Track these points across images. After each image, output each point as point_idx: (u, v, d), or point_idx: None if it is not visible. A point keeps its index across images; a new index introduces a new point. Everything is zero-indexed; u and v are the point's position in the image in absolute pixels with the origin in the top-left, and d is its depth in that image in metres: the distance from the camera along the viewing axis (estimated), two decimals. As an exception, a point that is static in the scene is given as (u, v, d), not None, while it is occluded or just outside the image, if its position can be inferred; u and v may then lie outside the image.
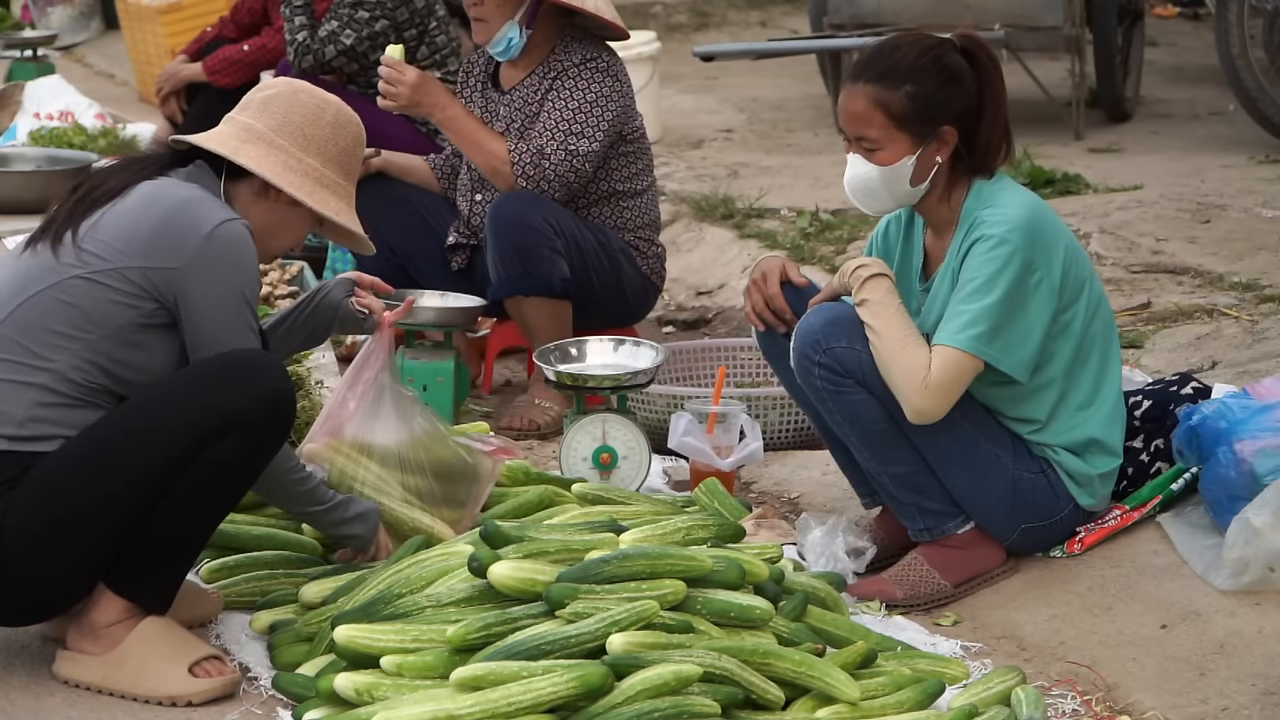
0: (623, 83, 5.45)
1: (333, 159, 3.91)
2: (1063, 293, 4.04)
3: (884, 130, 4.05)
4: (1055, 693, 3.73)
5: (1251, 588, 3.89)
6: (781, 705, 3.47)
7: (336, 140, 3.91)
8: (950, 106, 4.04)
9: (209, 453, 3.60)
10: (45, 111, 9.12)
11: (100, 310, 3.65)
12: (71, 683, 3.75)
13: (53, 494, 3.59)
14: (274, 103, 3.90)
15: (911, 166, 4.05)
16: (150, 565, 3.69)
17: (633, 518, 4.12)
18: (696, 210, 7.67)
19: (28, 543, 3.60)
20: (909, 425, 4.05)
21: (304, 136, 3.87)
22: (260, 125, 3.86)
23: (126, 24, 11.06)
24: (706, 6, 13.24)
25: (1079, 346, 4.10)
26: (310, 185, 3.86)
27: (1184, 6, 12.80)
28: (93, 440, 3.62)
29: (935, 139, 4.04)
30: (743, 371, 5.49)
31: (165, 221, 3.68)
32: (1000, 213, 4.02)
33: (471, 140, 5.37)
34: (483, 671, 3.32)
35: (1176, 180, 7.66)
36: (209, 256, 3.67)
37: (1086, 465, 4.13)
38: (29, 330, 3.65)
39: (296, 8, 6.62)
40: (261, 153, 3.83)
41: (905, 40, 4.14)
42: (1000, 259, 3.97)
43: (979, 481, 4.11)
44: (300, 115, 3.88)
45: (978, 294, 3.97)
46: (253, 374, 3.66)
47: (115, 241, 3.67)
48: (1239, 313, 5.79)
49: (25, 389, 3.64)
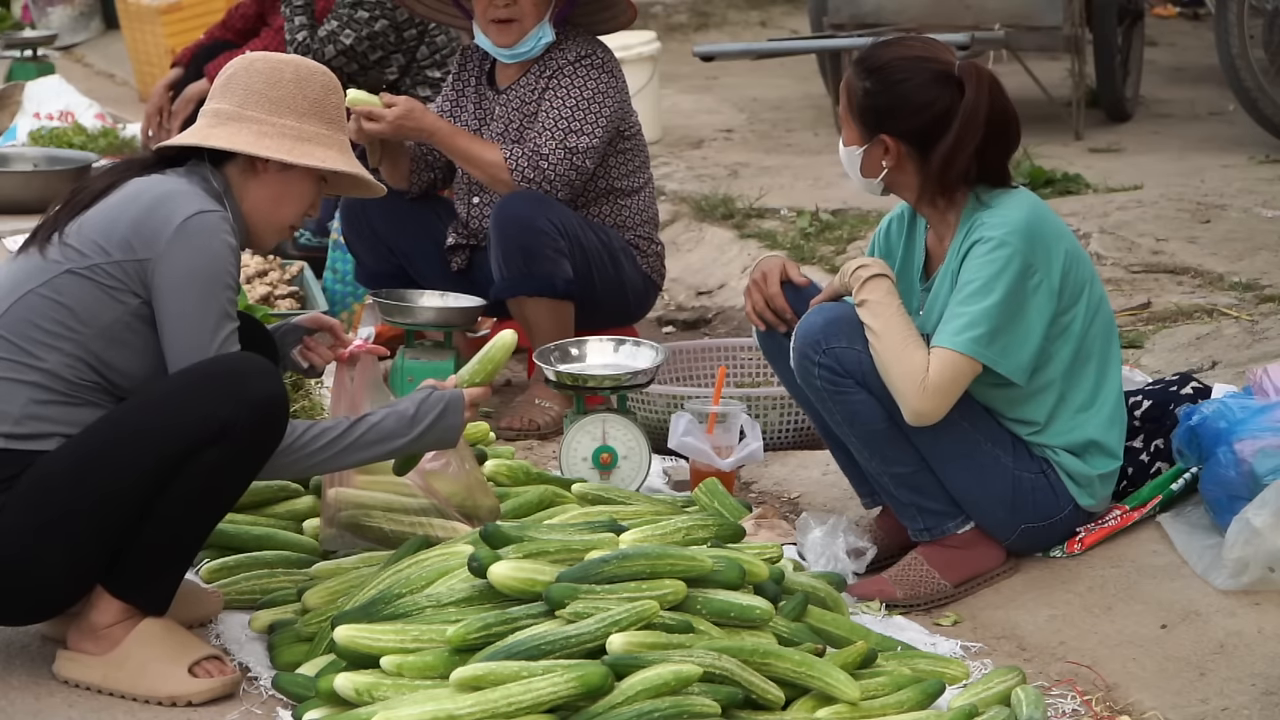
0: (619, 79, 5.44)
1: (307, 111, 3.85)
2: (1062, 295, 4.04)
3: (845, 113, 4.14)
4: (1055, 693, 3.73)
5: (1251, 588, 3.89)
6: (781, 705, 3.47)
7: (304, 92, 3.85)
8: (896, 122, 4.04)
9: (202, 458, 3.60)
10: (45, 111, 9.13)
11: (87, 308, 3.66)
12: (71, 683, 3.75)
13: (47, 495, 3.60)
14: (233, 81, 3.86)
15: (859, 157, 4.09)
16: (147, 567, 3.69)
17: (633, 518, 4.12)
18: (696, 210, 7.67)
19: (23, 543, 3.60)
20: (909, 426, 4.05)
21: (270, 100, 3.83)
22: (227, 106, 3.83)
23: (126, 24, 11.07)
24: (706, 6, 13.24)
25: (1079, 348, 4.10)
26: (290, 144, 3.81)
27: (1184, 6, 12.80)
28: (87, 443, 3.63)
29: (876, 143, 4.06)
30: (743, 371, 5.49)
31: (144, 214, 3.68)
32: (1000, 215, 4.01)
33: (464, 154, 5.34)
34: (483, 671, 3.32)
35: (1176, 180, 7.66)
36: (178, 245, 3.64)
37: (1087, 466, 4.13)
38: (21, 329, 3.67)
39: (297, 8, 6.62)
40: (232, 130, 3.80)
41: (905, 42, 4.15)
42: (999, 261, 3.97)
43: (979, 482, 4.11)
44: (261, 82, 3.84)
45: (977, 296, 3.97)
46: (243, 379, 3.64)
47: (98, 237, 3.68)
48: (1239, 313, 5.79)
49: (20, 387, 3.65)
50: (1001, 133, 4.05)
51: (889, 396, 4.03)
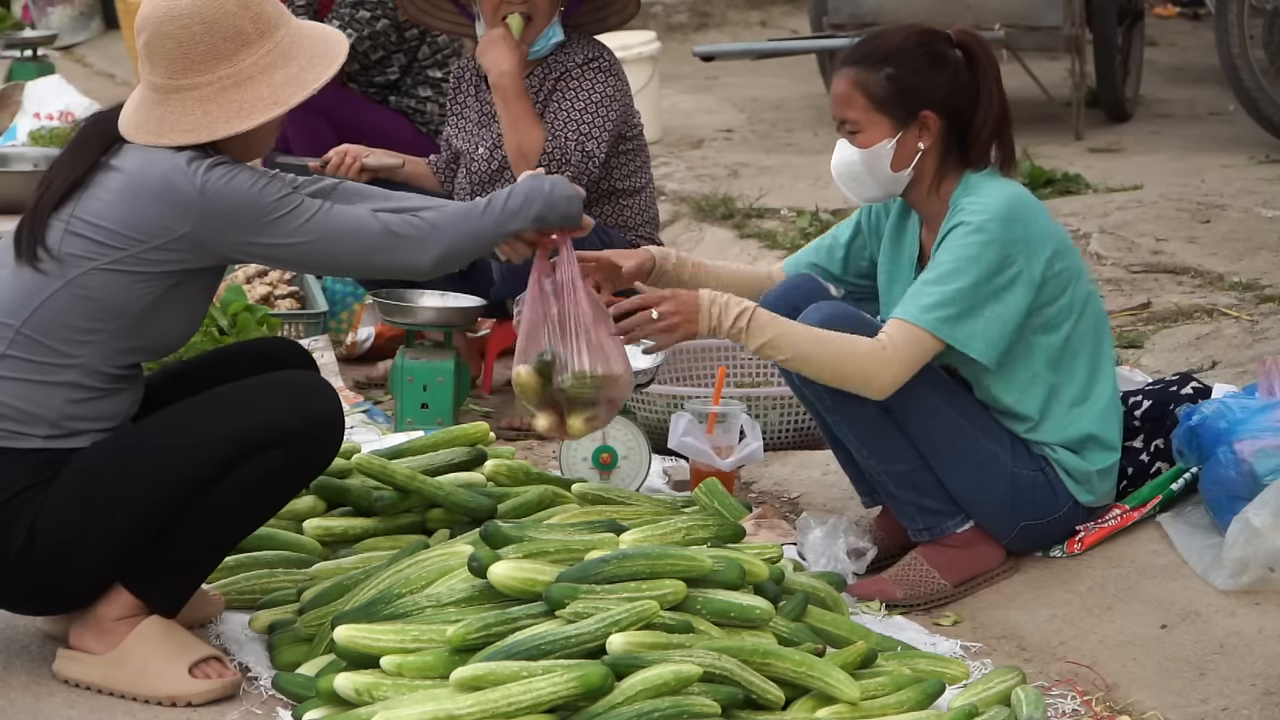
0: (623, 81, 5.45)
1: (231, 49, 3.66)
2: (1045, 287, 4.02)
3: (864, 112, 4.06)
4: (1055, 693, 3.73)
5: (1251, 588, 3.89)
6: (781, 705, 3.47)
7: (218, 31, 3.65)
8: (931, 92, 4.03)
9: (251, 463, 3.62)
10: (45, 111, 9.13)
11: (121, 300, 3.64)
12: (72, 682, 3.75)
13: (90, 491, 3.61)
14: (152, 48, 3.66)
15: (891, 150, 4.05)
16: (170, 568, 3.71)
17: (633, 518, 4.12)
18: (696, 210, 7.67)
19: (60, 538, 3.61)
20: (907, 424, 4.05)
21: (194, 60, 3.65)
22: (159, 79, 3.67)
23: (126, 24, 11.03)
24: (706, 6, 13.24)
25: (1066, 342, 4.08)
26: (236, 104, 3.66)
27: (1184, 6, 12.80)
28: (136, 440, 3.65)
29: (915, 123, 4.04)
30: (743, 371, 5.49)
31: (161, 194, 3.62)
32: (981, 201, 4.01)
33: (514, 115, 5.29)
34: (483, 671, 3.32)
35: (1176, 180, 7.66)
36: (212, 202, 3.61)
37: (1085, 462, 4.13)
38: (51, 330, 3.64)
39: (299, 7, 6.62)
40: (177, 111, 3.66)
41: (894, 28, 4.14)
42: (976, 246, 3.96)
43: (978, 480, 4.11)
44: (176, 47, 3.64)
45: (949, 277, 3.96)
46: (307, 394, 3.69)
47: (124, 229, 3.63)
48: (1239, 313, 5.79)
49: (56, 389, 3.64)
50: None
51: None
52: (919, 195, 4.13)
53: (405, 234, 3.75)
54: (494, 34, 5.30)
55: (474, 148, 5.52)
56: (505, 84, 5.28)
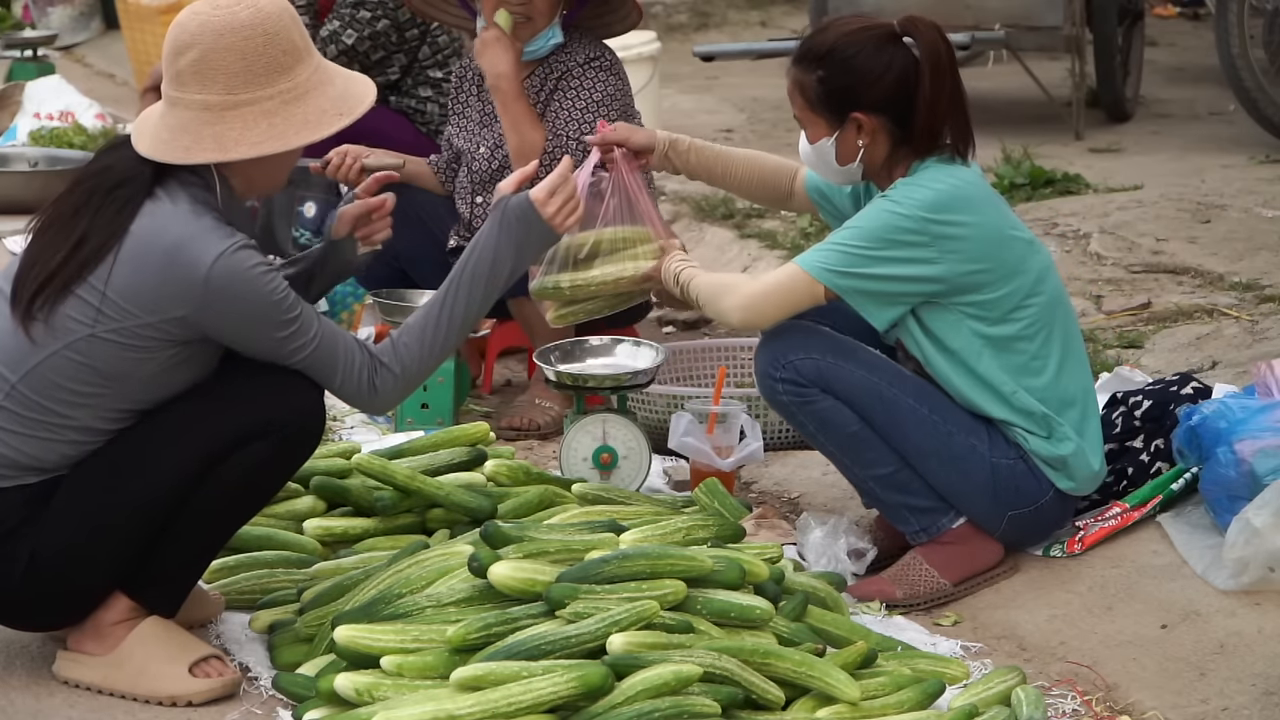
0: (625, 80, 5.45)
1: (289, 62, 3.60)
2: (971, 278, 3.99)
3: (803, 111, 4.11)
4: (1055, 693, 3.73)
5: (1251, 588, 3.89)
6: (781, 705, 3.47)
7: (278, 43, 3.58)
8: (862, 92, 4.03)
9: (237, 456, 3.61)
10: (45, 111, 9.14)
11: (116, 367, 3.57)
12: (71, 683, 3.75)
13: (86, 510, 3.60)
14: (210, 62, 3.56)
15: (832, 147, 4.09)
16: (165, 569, 3.70)
17: (633, 518, 4.12)
18: (696, 210, 7.67)
19: (63, 560, 3.60)
20: (882, 427, 4.05)
21: (256, 74, 3.57)
22: (215, 96, 3.57)
23: (126, 24, 11.06)
24: (706, 6, 13.23)
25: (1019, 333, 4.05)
26: (301, 117, 3.59)
27: (1184, 6, 12.80)
28: (123, 450, 3.62)
29: (850, 124, 4.05)
30: (743, 371, 5.48)
31: (163, 271, 3.52)
32: (907, 190, 4.02)
33: (513, 117, 5.30)
34: (483, 671, 3.32)
35: (1176, 180, 7.66)
36: (215, 299, 3.52)
37: (1051, 446, 4.09)
38: (48, 391, 3.58)
39: (300, 7, 6.61)
40: (240, 126, 3.57)
41: (836, 24, 4.15)
42: (884, 214, 4.00)
43: (959, 474, 4.10)
44: (239, 59, 3.55)
45: (846, 231, 4.03)
46: (286, 383, 3.66)
47: (121, 299, 3.53)
48: (1239, 313, 5.79)
49: (55, 443, 3.61)
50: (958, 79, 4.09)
51: (856, 399, 4.06)
52: (878, 180, 4.15)
53: (381, 388, 3.73)
54: (487, 35, 5.30)
55: (475, 147, 5.52)
56: (503, 86, 5.28)
